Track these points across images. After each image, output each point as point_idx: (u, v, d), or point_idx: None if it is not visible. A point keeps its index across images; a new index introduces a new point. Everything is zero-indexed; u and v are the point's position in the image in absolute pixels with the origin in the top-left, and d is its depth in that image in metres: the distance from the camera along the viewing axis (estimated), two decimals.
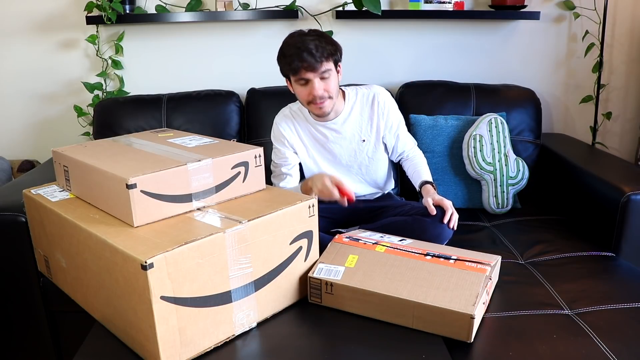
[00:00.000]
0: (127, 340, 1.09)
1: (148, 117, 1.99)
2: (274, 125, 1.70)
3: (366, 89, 1.68)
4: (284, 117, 1.68)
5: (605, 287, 1.38)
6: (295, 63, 1.45)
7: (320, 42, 1.46)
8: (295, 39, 1.48)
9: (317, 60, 1.45)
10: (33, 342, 1.60)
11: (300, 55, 1.44)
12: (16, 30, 2.13)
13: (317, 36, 1.48)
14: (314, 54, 1.44)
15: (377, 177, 1.75)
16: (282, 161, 1.67)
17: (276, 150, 1.69)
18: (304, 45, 1.44)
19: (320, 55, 1.45)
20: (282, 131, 1.67)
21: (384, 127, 1.68)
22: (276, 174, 1.70)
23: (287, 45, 1.49)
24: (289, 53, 1.47)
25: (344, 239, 1.36)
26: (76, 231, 1.14)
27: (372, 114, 1.66)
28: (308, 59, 1.44)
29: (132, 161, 1.19)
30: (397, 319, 1.17)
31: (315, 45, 1.44)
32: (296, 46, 1.45)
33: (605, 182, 1.67)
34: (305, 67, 1.45)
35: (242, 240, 1.10)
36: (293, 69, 1.47)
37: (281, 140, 1.67)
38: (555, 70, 2.34)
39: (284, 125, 1.67)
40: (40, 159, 2.25)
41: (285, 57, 1.48)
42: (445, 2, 2.13)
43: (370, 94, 1.67)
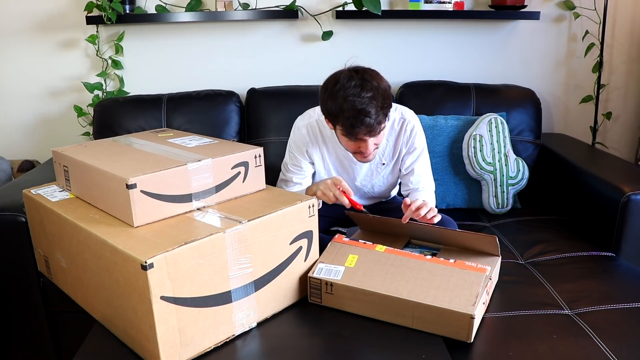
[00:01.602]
0: (127, 340, 1.09)
1: (148, 117, 1.99)
2: (297, 130, 1.56)
3: (398, 113, 1.56)
4: (310, 128, 1.54)
5: (605, 287, 1.38)
6: (354, 128, 1.31)
7: (379, 102, 1.31)
8: (353, 94, 1.30)
9: (377, 125, 1.32)
10: (33, 342, 1.60)
11: (361, 121, 1.29)
12: (16, 30, 2.13)
13: (376, 93, 1.31)
14: (375, 119, 1.30)
15: (384, 194, 1.71)
16: (296, 169, 1.58)
17: (292, 156, 1.58)
18: (365, 107, 1.29)
19: (381, 118, 1.32)
20: (305, 143, 1.55)
21: (404, 153, 1.58)
22: (285, 179, 1.61)
23: (344, 99, 1.30)
24: (346, 112, 1.30)
25: (343, 238, 1.36)
26: (76, 231, 1.14)
27: (397, 141, 1.56)
28: (369, 124, 1.30)
29: (132, 161, 1.19)
30: (397, 319, 1.17)
31: (376, 108, 1.30)
32: (355, 107, 1.29)
33: (605, 182, 1.67)
34: (364, 132, 1.32)
35: (242, 240, 1.10)
36: (349, 132, 1.33)
37: (302, 150, 1.55)
38: (555, 70, 2.34)
39: (307, 139, 1.54)
40: (40, 159, 2.25)
41: (341, 113, 1.31)
42: (445, 2, 2.13)
43: (400, 120, 1.55)
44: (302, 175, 1.58)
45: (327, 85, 1.36)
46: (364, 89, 1.30)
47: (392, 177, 1.64)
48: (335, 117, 1.35)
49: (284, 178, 1.62)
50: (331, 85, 1.34)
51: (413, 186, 1.59)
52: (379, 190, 1.67)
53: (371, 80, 1.33)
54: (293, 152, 1.58)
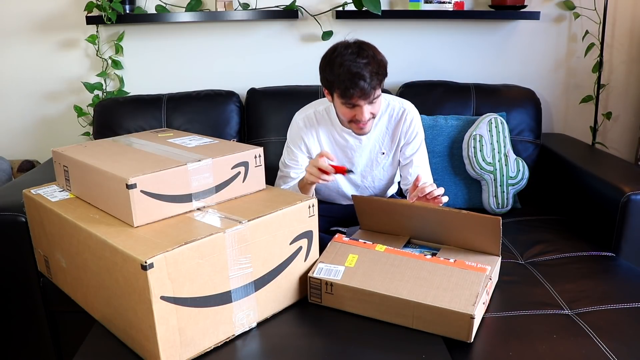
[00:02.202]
0: (127, 340, 1.09)
1: (148, 117, 1.99)
2: (294, 125, 1.60)
3: (398, 103, 1.61)
4: (307, 120, 1.58)
5: (605, 287, 1.38)
6: (349, 91, 1.36)
7: (374, 68, 1.37)
8: (349, 60, 1.36)
9: (372, 88, 1.37)
10: (33, 342, 1.60)
11: (356, 83, 1.35)
12: (16, 30, 2.13)
13: (371, 60, 1.38)
14: (369, 83, 1.35)
15: (384, 189, 1.73)
16: (293, 164, 1.60)
17: (289, 150, 1.61)
18: (360, 71, 1.35)
19: (375, 83, 1.37)
20: (302, 135, 1.58)
21: (402, 144, 1.61)
22: (283, 175, 1.63)
23: (340, 64, 1.36)
24: (341, 75, 1.36)
25: (343, 238, 1.36)
26: (76, 231, 1.14)
27: (396, 130, 1.59)
28: (363, 87, 1.35)
29: (132, 161, 1.19)
30: (397, 319, 1.17)
31: (370, 73, 1.35)
32: (350, 71, 1.35)
33: (605, 182, 1.67)
34: (358, 95, 1.37)
35: (242, 240, 1.10)
36: (344, 94, 1.38)
37: (298, 143, 1.59)
38: (555, 70, 2.34)
39: (304, 130, 1.58)
40: (40, 159, 2.25)
41: (337, 77, 1.37)
42: (445, 2, 2.13)
43: (400, 110, 1.59)
44: (300, 169, 1.60)
45: (326, 54, 1.43)
46: (360, 55, 1.37)
47: (391, 168, 1.66)
48: (332, 84, 1.41)
49: (282, 174, 1.64)
50: (329, 54, 1.42)
51: (412, 178, 1.60)
52: (379, 184, 1.69)
53: (367, 50, 1.40)
54: (290, 146, 1.61)
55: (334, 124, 1.58)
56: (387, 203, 1.40)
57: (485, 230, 1.29)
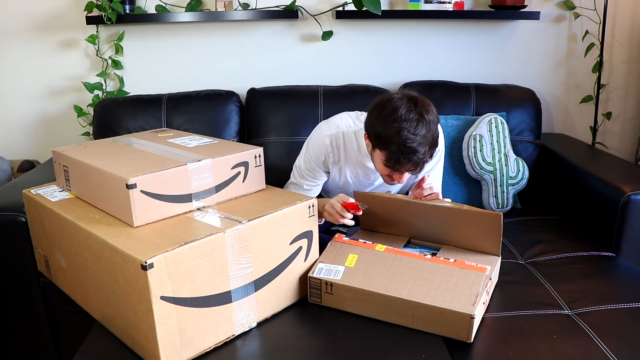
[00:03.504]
0: (127, 340, 1.09)
1: (148, 117, 1.99)
2: (320, 139, 1.50)
3: None
4: (335, 138, 1.49)
5: (605, 287, 1.38)
6: (400, 163, 1.29)
7: (429, 141, 1.29)
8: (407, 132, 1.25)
9: (422, 164, 1.32)
10: (33, 342, 1.60)
11: (409, 159, 1.27)
12: (16, 30, 2.13)
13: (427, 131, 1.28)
14: (422, 158, 1.29)
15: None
16: (309, 176, 1.54)
17: (309, 162, 1.53)
18: (416, 147, 1.26)
19: (427, 159, 1.32)
20: (326, 152, 1.50)
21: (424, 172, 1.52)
22: (296, 183, 1.58)
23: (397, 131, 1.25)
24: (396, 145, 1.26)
25: (343, 238, 1.36)
26: (76, 231, 1.14)
27: None
28: (415, 162, 1.29)
29: (132, 161, 1.19)
30: (397, 319, 1.17)
31: (425, 149, 1.28)
32: (407, 144, 1.25)
33: (605, 182, 1.67)
34: (408, 168, 1.31)
35: (242, 240, 1.10)
36: (393, 164, 1.30)
37: (320, 159, 1.51)
38: (555, 70, 2.34)
39: (330, 148, 1.49)
40: (40, 159, 2.25)
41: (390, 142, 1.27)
42: (445, 2, 2.13)
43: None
44: (315, 183, 1.55)
45: (383, 109, 1.30)
46: (419, 125, 1.26)
47: (404, 185, 1.63)
48: (383, 145, 1.30)
49: (295, 182, 1.58)
50: (388, 112, 1.28)
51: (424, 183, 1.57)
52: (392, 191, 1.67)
53: (426, 115, 1.28)
54: (310, 158, 1.53)
55: (361, 151, 1.49)
56: (388, 199, 1.40)
57: (486, 226, 1.29)
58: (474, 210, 1.28)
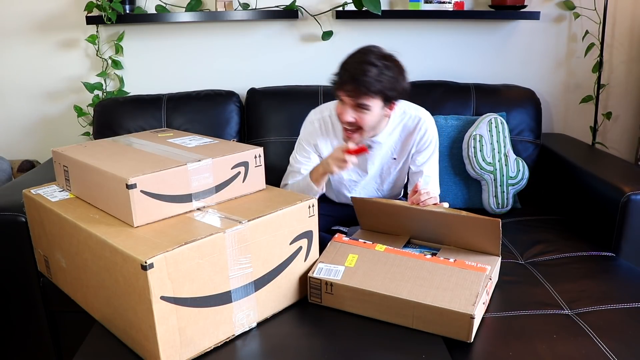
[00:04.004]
0: (127, 340, 1.09)
1: (148, 117, 1.99)
2: (308, 124, 1.60)
3: (415, 111, 1.60)
4: (323, 122, 1.58)
5: (605, 287, 1.38)
6: (339, 81, 1.39)
7: (380, 74, 1.35)
8: (360, 58, 1.38)
9: (361, 91, 1.36)
10: (33, 342, 1.60)
11: (349, 77, 1.36)
12: (16, 30, 2.13)
13: (383, 67, 1.36)
14: (362, 84, 1.34)
15: (393, 193, 1.74)
16: (304, 160, 1.60)
17: (301, 147, 1.61)
18: (361, 69, 1.34)
19: (367, 88, 1.35)
20: (315, 136, 1.58)
21: (414, 152, 1.61)
22: (293, 171, 1.62)
23: (351, 57, 1.40)
24: (344, 67, 1.39)
25: (343, 238, 1.36)
26: (76, 231, 1.14)
27: (409, 138, 1.59)
28: (352, 84, 1.36)
29: (132, 161, 1.19)
30: (397, 319, 1.17)
31: (371, 76, 1.34)
32: (354, 66, 1.36)
33: (605, 182, 1.67)
34: (346, 89, 1.38)
35: (242, 240, 1.10)
36: (336, 83, 1.41)
37: (310, 142, 1.59)
38: (555, 70, 2.34)
39: (319, 132, 1.58)
40: (40, 159, 2.25)
41: (340, 69, 1.40)
42: (445, 2, 2.13)
43: (415, 119, 1.58)
44: (310, 166, 1.59)
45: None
46: (374, 58, 1.37)
47: (401, 174, 1.67)
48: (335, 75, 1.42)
49: (292, 170, 1.63)
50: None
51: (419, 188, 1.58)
52: (387, 186, 1.69)
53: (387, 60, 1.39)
54: (302, 143, 1.61)
55: None
56: (386, 205, 1.40)
57: (485, 232, 1.29)
58: (473, 216, 1.28)
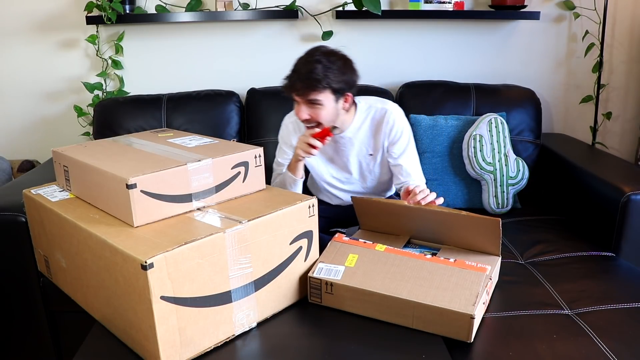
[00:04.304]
0: (127, 340, 1.09)
1: (148, 117, 1.99)
2: (283, 126, 1.67)
3: (380, 104, 1.60)
4: (296, 122, 1.61)
5: (605, 287, 1.38)
6: (288, 83, 1.43)
7: (326, 70, 1.38)
8: (305, 58, 1.42)
9: (309, 87, 1.39)
10: (33, 342, 1.60)
11: (297, 77, 1.40)
12: (16, 30, 2.13)
13: (328, 62, 1.40)
14: (308, 81, 1.39)
15: (379, 191, 1.74)
16: (285, 161, 1.63)
17: (281, 150, 1.67)
18: (306, 68, 1.39)
19: (315, 84, 1.38)
20: (290, 137, 1.63)
21: (387, 145, 1.61)
22: (277, 173, 1.66)
23: (299, 60, 1.44)
24: (293, 69, 1.44)
25: (343, 237, 1.36)
26: (76, 231, 1.14)
27: (378, 131, 1.59)
28: (298, 84, 1.40)
29: (132, 161, 1.19)
30: (397, 318, 1.17)
31: (316, 73, 1.37)
32: (300, 66, 1.41)
33: (605, 182, 1.67)
34: (294, 89, 1.42)
35: (242, 240, 1.10)
36: (285, 87, 1.44)
37: (286, 142, 1.65)
38: (555, 70, 2.34)
39: (292, 132, 1.63)
40: (40, 159, 2.25)
41: (290, 72, 1.45)
42: (445, 2, 2.13)
43: (381, 112, 1.58)
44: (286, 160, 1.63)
45: None
46: (320, 56, 1.40)
47: (381, 169, 1.66)
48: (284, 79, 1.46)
49: (276, 173, 1.68)
50: None
51: (404, 178, 1.60)
52: (371, 184, 1.70)
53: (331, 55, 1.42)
54: (281, 146, 1.67)
55: None
56: (386, 204, 1.40)
57: (486, 231, 1.29)
58: (473, 215, 1.28)
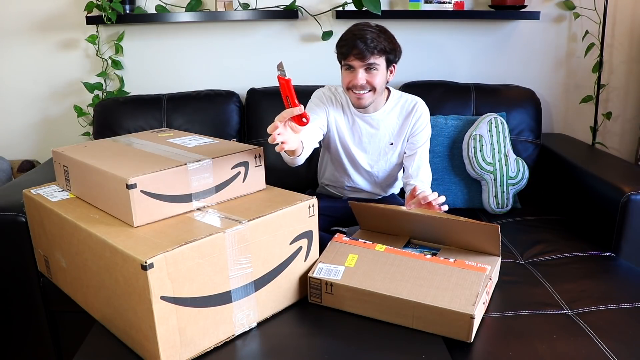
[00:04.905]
0: (127, 340, 1.09)
1: (148, 117, 1.99)
2: (319, 91, 1.67)
3: (411, 97, 1.67)
4: (332, 93, 1.66)
5: (605, 287, 1.38)
6: (346, 48, 1.48)
7: (379, 36, 1.48)
8: (357, 26, 1.51)
9: (368, 51, 1.46)
10: (33, 342, 1.60)
11: (354, 42, 1.46)
12: (16, 30, 2.13)
13: (378, 31, 1.49)
14: (367, 44, 1.45)
15: (387, 183, 1.75)
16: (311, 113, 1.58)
17: (310, 108, 1.62)
18: (361, 34, 1.46)
19: (373, 47, 1.46)
20: (326, 97, 1.64)
21: (409, 136, 1.65)
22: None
23: (347, 31, 1.51)
24: (345, 38, 1.50)
25: (343, 238, 1.36)
26: (76, 231, 1.14)
27: (406, 121, 1.64)
28: (359, 46, 1.45)
29: (132, 161, 1.19)
30: (397, 319, 1.17)
31: (371, 37, 1.46)
32: (353, 33, 1.48)
33: (605, 182, 1.67)
34: (354, 53, 1.47)
35: (242, 240, 1.10)
36: (343, 53, 1.50)
37: (320, 101, 1.64)
38: (555, 70, 2.34)
39: (329, 97, 1.65)
40: (40, 159, 2.25)
41: (341, 41, 1.51)
42: (445, 2, 2.13)
43: (412, 102, 1.65)
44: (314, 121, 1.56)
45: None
46: (371, 27, 1.50)
47: (396, 159, 1.69)
48: (337, 47, 1.52)
49: None
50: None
51: (412, 171, 1.62)
52: (382, 175, 1.71)
53: (378, 26, 1.51)
54: (312, 103, 1.64)
55: (350, 108, 1.64)
56: (384, 210, 1.40)
57: (485, 237, 1.29)
58: (472, 222, 1.28)
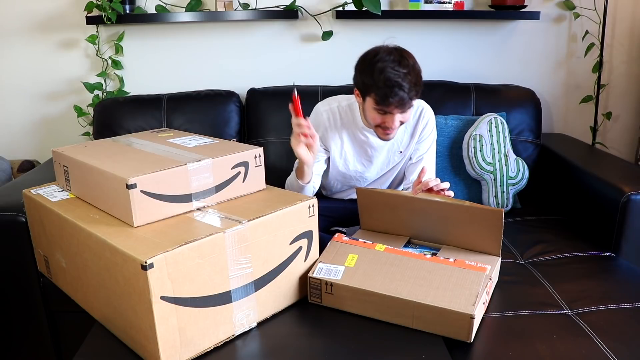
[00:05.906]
0: (127, 340, 1.09)
1: (148, 117, 1.99)
2: (317, 114, 1.62)
3: (416, 102, 1.57)
4: (331, 115, 1.60)
5: (605, 287, 1.38)
6: (387, 99, 1.38)
7: (413, 78, 1.39)
8: (390, 67, 1.38)
9: (409, 99, 1.39)
10: (33, 342, 1.60)
11: (395, 93, 1.36)
12: (16, 30, 2.13)
13: (411, 70, 1.39)
14: (408, 94, 1.38)
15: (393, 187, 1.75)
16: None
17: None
18: (400, 82, 1.36)
19: (413, 94, 1.40)
20: (323, 126, 1.59)
21: (417, 141, 1.63)
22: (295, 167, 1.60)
23: (380, 70, 1.37)
24: (381, 82, 1.37)
25: (343, 237, 1.36)
26: (76, 231, 1.14)
27: (415, 129, 1.62)
28: (402, 98, 1.37)
29: (132, 161, 1.19)
30: (397, 319, 1.17)
31: (409, 84, 1.37)
32: (392, 80, 1.36)
33: (605, 182, 1.67)
34: (396, 104, 1.39)
35: (242, 240, 1.10)
36: (382, 102, 1.40)
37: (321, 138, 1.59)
38: (555, 70, 2.34)
39: (327, 122, 1.59)
40: (40, 159, 2.25)
41: (376, 83, 1.38)
42: (445, 2, 2.13)
43: (419, 108, 1.62)
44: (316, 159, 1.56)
45: (366, 57, 1.43)
46: (401, 64, 1.38)
47: (402, 166, 1.68)
48: (369, 88, 1.41)
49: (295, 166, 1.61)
50: (370, 57, 1.41)
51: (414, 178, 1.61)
52: (389, 181, 1.71)
53: (408, 58, 1.41)
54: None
55: (356, 122, 1.60)
56: (390, 195, 1.40)
57: (487, 223, 1.28)
58: (476, 206, 1.28)
